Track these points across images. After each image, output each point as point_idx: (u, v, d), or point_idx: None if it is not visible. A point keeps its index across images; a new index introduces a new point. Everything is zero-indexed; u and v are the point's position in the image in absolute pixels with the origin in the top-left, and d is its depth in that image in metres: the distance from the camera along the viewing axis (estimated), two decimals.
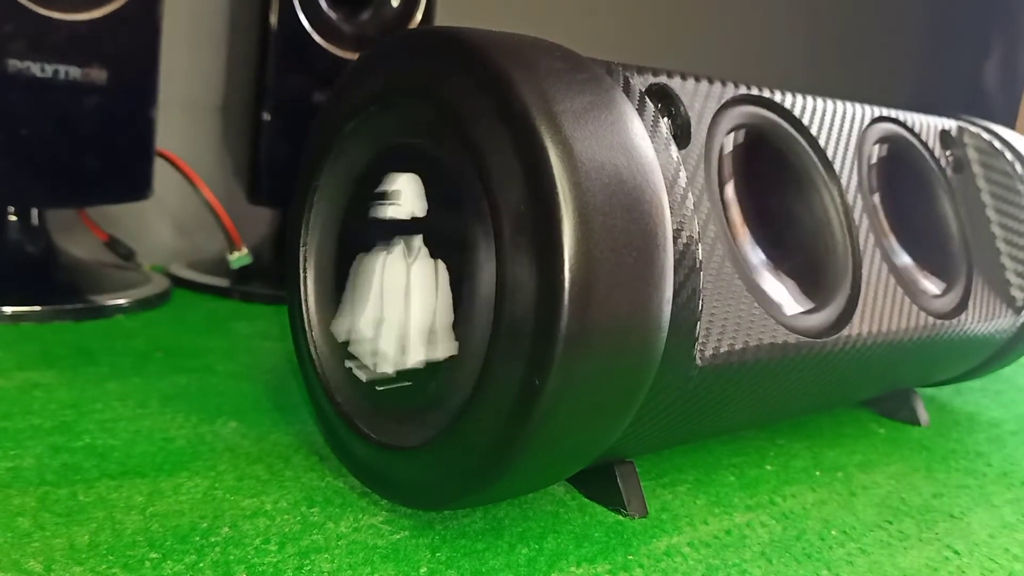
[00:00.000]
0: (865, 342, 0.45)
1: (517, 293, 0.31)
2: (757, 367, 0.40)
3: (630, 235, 0.32)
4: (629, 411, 0.35)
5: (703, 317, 0.37)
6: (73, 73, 0.68)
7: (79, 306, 0.67)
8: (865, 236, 0.48)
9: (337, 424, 0.41)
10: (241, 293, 0.79)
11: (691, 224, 0.36)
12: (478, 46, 0.33)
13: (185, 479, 0.40)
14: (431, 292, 0.34)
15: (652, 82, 0.40)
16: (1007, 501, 0.48)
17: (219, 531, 0.36)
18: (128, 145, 0.72)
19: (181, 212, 0.90)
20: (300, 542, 0.35)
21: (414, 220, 0.36)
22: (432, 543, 0.36)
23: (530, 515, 0.40)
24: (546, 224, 0.30)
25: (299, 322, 0.42)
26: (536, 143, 0.31)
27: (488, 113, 0.32)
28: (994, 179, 0.60)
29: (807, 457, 0.52)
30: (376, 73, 0.38)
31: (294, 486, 0.41)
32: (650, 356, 0.34)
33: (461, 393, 0.34)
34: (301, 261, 0.42)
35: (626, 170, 0.33)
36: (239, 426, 0.47)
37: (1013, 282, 0.58)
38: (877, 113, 0.53)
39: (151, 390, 0.52)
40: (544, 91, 0.32)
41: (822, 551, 0.40)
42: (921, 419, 0.59)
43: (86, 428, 0.45)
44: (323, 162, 0.40)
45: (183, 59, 0.88)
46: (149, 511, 0.37)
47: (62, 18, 0.66)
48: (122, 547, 0.34)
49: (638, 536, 0.39)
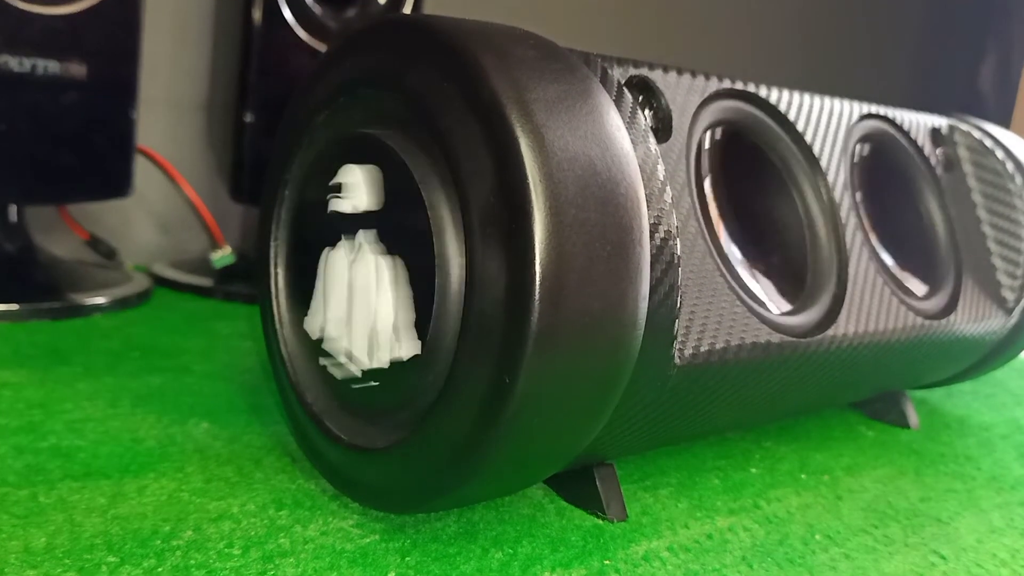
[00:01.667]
0: (851, 342, 0.44)
1: (486, 288, 0.30)
2: (739, 367, 0.39)
3: (604, 229, 0.31)
4: (604, 411, 0.34)
5: (682, 315, 0.36)
6: (52, 68, 0.66)
7: (56, 305, 0.66)
8: (852, 234, 0.47)
9: (308, 425, 0.39)
10: (224, 293, 0.78)
11: (669, 218, 0.35)
12: (447, 33, 0.32)
13: (151, 481, 0.39)
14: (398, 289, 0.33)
15: (632, 74, 0.39)
16: (995, 506, 0.47)
17: (182, 535, 0.34)
18: (108, 141, 0.71)
19: (164, 211, 0.89)
20: (265, 546, 0.34)
21: (382, 213, 0.34)
22: (402, 547, 0.35)
23: (506, 518, 0.39)
24: (516, 216, 0.29)
25: (270, 320, 0.41)
26: (506, 132, 0.30)
27: (457, 102, 0.31)
28: (985, 178, 0.59)
29: (793, 460, 0.50)
30: (345, 63, 0.37)
31: (263, 488, 0.39)
32: (625, 354, 0.33)
33: (430, 392, 0.33)
34: (272, 257, 0.41)
35: (600, 162, 0.31)
36: (211, 427, 0.46)
37: (1004, 283, 0.57)
38: (865, 110, 0.52)
39: (123, 390, 0.51)
40: (515, 79, 0.31)
41: (805, 556, 0.39)
42: (911, 422, 0.58)
43: (53, 428, 0.44)
44: (293, 155, 0.39)
45: (167, 56, 0.87)
46: (110, 513, 0.36)
47: (40, 12, 0.65)
48: (79, 550, 0.33)
49: (616, 540, 0.38)
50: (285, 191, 0.40)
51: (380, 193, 0.34)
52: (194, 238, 0.90)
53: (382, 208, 0.34)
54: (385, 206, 0.34)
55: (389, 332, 0.33)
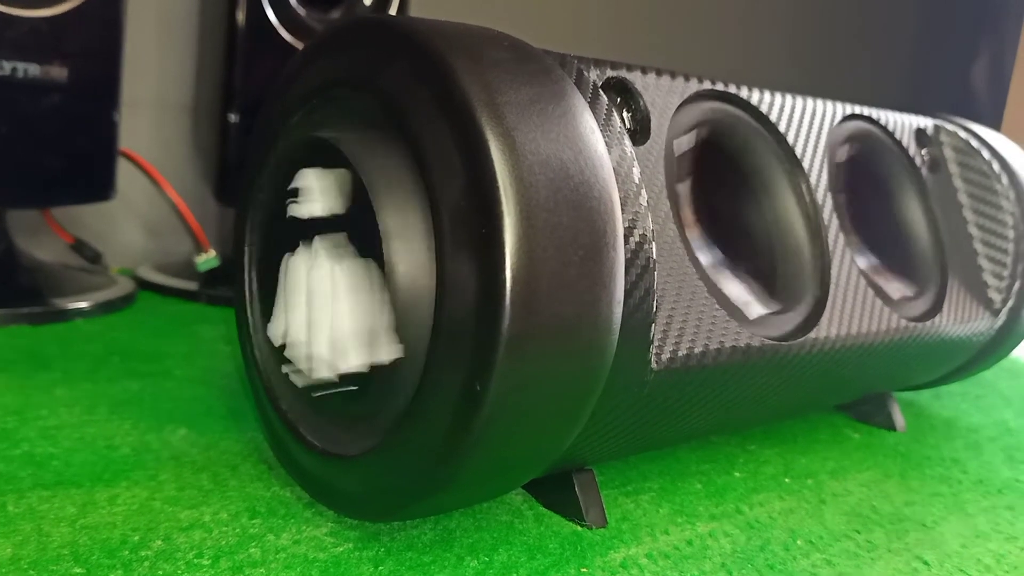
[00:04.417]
0: (833, 345, 0.44)
1: (457, 293, 0.30)
2: (719, 371, 0.39)
3: (577, 233, 0.30)
4: (580, 417, 0.33)
5: (659, 319, 0.36)
6: (32, 71, 0.66)
7: (37, 310, 0.65)
8: (834, 236, 0.46)
9: (282, 432, 0.39)
10: (208, 296, 0.77)
11: (645, 222, 0.35)
12: (419, 34, 0.32)
13: (123, 489, 0.39)
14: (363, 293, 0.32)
15: (610, 75, 0.39)
16: (982, 510, 0.46)
17: (151, 545, 0.34)
18: (90, 144, 0.70)
19: (150, 214, 0.88)
20: (235, 556, 0.34)
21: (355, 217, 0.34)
22: (376, 556, 0.35)
23: (483, 525, 0.38)
24: (486, 220, 0.29)
25: (244, 326, 0.41)
26: (476, 135, 0.29)
27: (428, 104, 0.31)
28: (971, 178, 0.58)
29: (778, 463, 0.50)
30: (318, 65, 0.36)
31: (237, 496, 0.39)
32: (600, 360, 0.32)
33: (402, 398, 0.32)
34: (245, 261, 0.40)
35: (573, 164, 0.31)
36: (188, 433, 0.46)
37: (991, 284, 0.57)
38: (849, 111, 0.52)
39: (101, 396, 0.50)
40: (487, 81, 0.31)
41: (786, 562, 0.38)
42: (897, 424, 0.58)
43: (26, 436, 0.44)
44: (266, 158, 0.39)
45: (151, 58, 0.86)
46: (80, 523, 0.35)
47: (21, 15, 0.64)
48: (45, 561, 0.32)
49: (594, 547, 0.37)
50: (258, 194, 0.40)
51: (340, 198, 0.33)
52: (180, 241, 0.90)
53: (356, 212, 0.34)
54: (359, 210, 0.34)
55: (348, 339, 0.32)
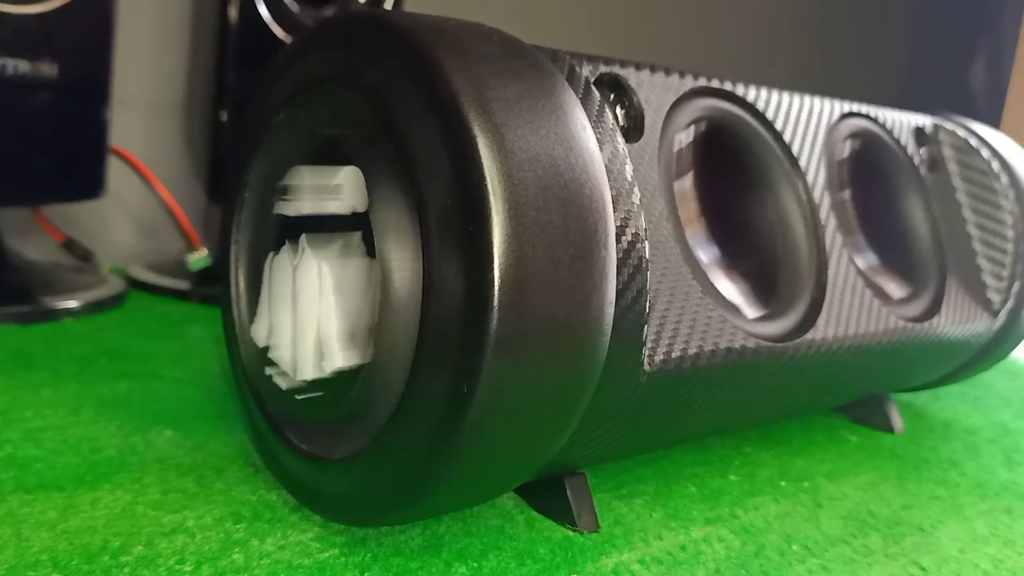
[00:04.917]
0: (830, 346, 0.43)
1: (444, 293, 0.29)
2: (713, 373, 0.38)
3: (567, 231, 0.30)
4: (571, 420, 0.33)
5: (652, 320, 0.35)
6: (22, 68, 0.65)
7: (25, 309, 0.64)
8: (832, 236, 0.46)
9: (268, 435, 0.38)
10: (200, 295, 0.76)
11: (637, 220, 0.34)
12: (406, 29, 0.31)
13: (106, 493, 0.38)
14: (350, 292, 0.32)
15: (603, 71, 0.38)
16: (980, 513, 0.46)
17: (132, 550, 0.33)
18: (80, 142, 0.69)
19: (142, 212, 0.87)
20: (218, 562, 0.33)
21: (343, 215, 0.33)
22: (362, 562, 0.34)
23: (473, 531, 0.38)
24: (474, 218, 0.28)
25: (231, 326, 0.40)
26: (464, 132, 0.29)
27: (415, 100, 0.30)
28: (970, 177, 0.58)
29: (774, 466, 0.49)
30: (305, 60, 0.36)
31: (222, 500, 0.38)
32: (591, 361, 0.31)
33: (388, 401, 0.32)
34: (233, 261, 0.40)
35: (563, 162, 0.30)
36: (175, 435, 0.45)
37: (990, 284, 0.56)
38: (847, 109, 0.51)
39: (88, 397, 0.50)
40: (476, 77, 0.30)
41: (781, 568, 0.37)
42: (895, 426, 0.57)
43: (9, 438, 0.43)
44: (253, 155, 0.38)
45: (143, 56, 0.85)
46: (60, 528, 0.34)
47: (10, 11, 0.64)
48: (23, 567, 0.31)
49: (586, 553, 0.37)
50: (246, 192, 0.39)
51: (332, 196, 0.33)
52: (172, 240, 0.89)
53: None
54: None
55: (334, 340, 0.31)
